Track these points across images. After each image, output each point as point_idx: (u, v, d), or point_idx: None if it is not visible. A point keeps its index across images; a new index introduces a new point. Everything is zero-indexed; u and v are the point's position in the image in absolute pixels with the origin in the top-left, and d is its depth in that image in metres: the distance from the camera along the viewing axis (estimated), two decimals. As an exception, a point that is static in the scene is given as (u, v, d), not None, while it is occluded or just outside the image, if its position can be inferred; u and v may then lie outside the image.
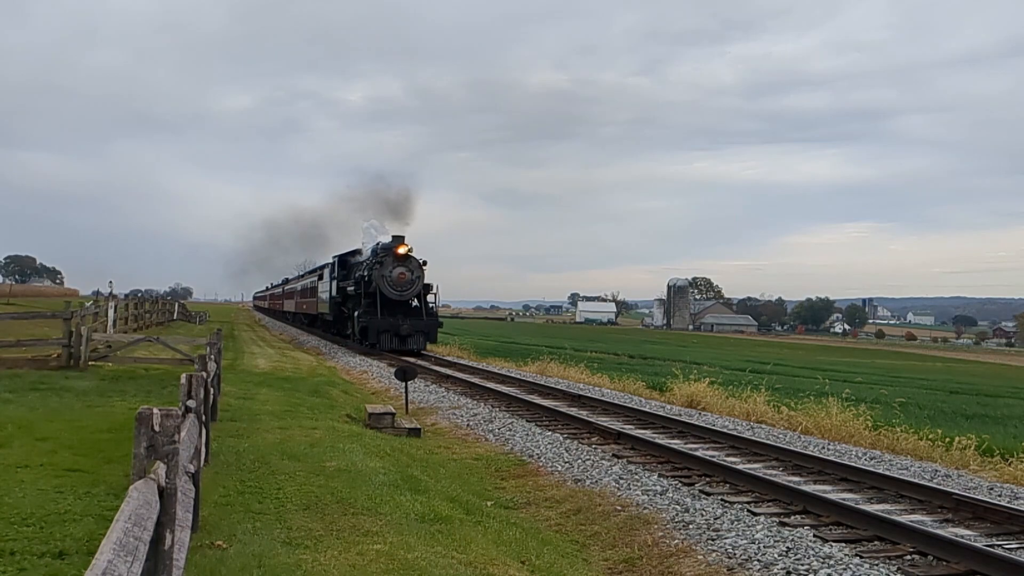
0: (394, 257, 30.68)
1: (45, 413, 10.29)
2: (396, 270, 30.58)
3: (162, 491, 3.07)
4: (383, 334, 29.55)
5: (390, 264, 30.54)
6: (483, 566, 5.60)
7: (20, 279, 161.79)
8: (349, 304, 33.99)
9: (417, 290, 31.07)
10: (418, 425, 12.76)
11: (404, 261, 30.82)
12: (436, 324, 30.95)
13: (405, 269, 30.78)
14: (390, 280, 30.40)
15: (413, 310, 31.20)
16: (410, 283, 30.83)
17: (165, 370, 16.04)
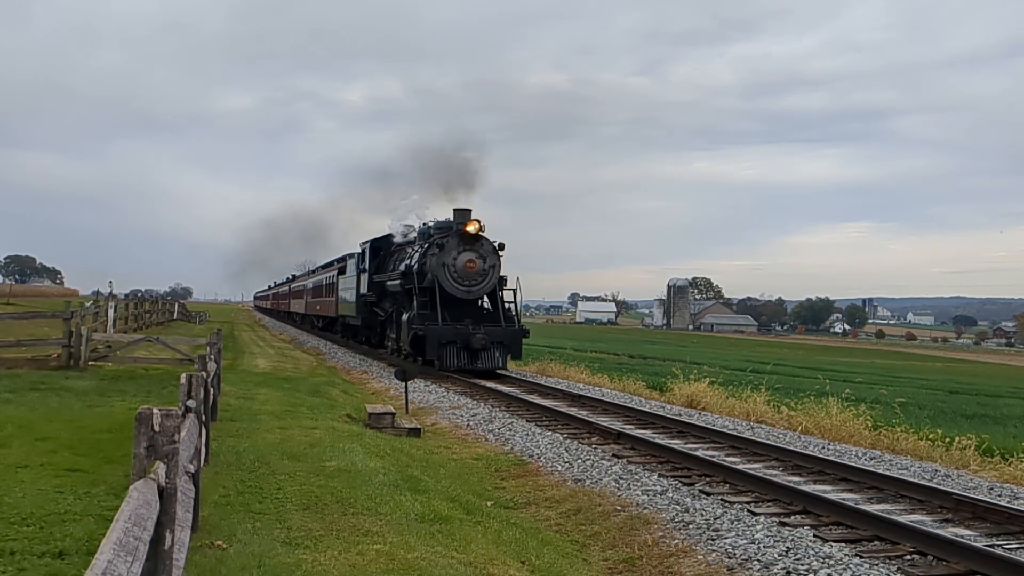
0: (460, 238, 22.04)
1: (45, 413, 10.29)
2: (462, 256, 21.99)
3: (162, 491, 3.07)
4: (446, 347, 20.99)
5: (454, 248, 21.94)
6: (483, 566, 5.60)
7: (20, 279, 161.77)
8: (387, 304, 26.15)
9: (491, 284, 22.41)
10: (418, 425, 12.76)
11: (473, 243, 22.12)
12: (520, 333, 22.36)
13: (475, 255, 22.05)
14: (454, 270, 21.91)
15: (484, 313, 22.94)
16: (481, 274, 22.16)
17: (165, 370, 16.04)
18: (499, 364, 21.39)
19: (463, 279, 21.98)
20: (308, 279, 50.11)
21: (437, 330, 20.98)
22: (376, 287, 27.27)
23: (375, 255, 28.26)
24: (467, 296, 22.10)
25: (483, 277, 22.18)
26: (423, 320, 21.32)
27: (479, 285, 22.21)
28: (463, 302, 22.12)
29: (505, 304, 22.85)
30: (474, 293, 22.27)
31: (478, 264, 22.03)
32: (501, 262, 22.44)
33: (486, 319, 22.31)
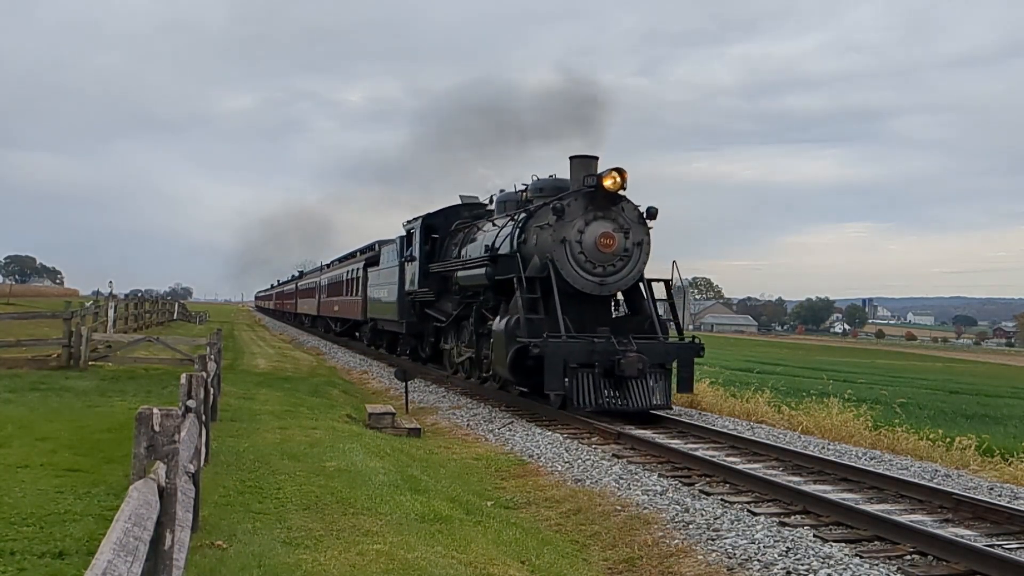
0: (588, 200, 14.23)
1: (45, 413, 10.29)
2: (593, 228, 14.21)
3: (162, 491, 3.07)
4: (579, 373, 12.97)
5: (578, 215, 14.15)
6: (483, 566, 5.60)
7: (20, 279, 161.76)
8: (449, 303, 18.68)
9: (636, 273, 14.63)
10: (418, 425, 12.77)
11: (608, 207, 14.33)
12: (693, 350, 14.24)
13: (612, 226, 14.32)
14: (579, 250, 14.11)
15: (620, 319, 15.17)
16: (623, 256, 14.38)
17: (165, 370, 16.04)
18: (661, 401, 13.31)
19: (594, 264, 13.98)
20: (321, 275, 43.23)
21: (561, 346, 12.80)
22: (434, 280, 19.64)
23: (427, 238, 20.58)
24: (599, 291, 14.14)
25: (624, 261, 14.19)
26: (533, 329, 13.30)
27: (618, 273, 14.22)
28: (589, 301, 14.21)
29: (654, 305, 14.77)
30: (610, 286, 14.28)
31: (617, 240, 14.06)
32: (650, 238, 14.46)
33: (621, 326, 14.31)
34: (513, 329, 13.69)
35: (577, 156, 15.01)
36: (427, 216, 20.88)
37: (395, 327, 23.21)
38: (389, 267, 23.88)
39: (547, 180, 16.47)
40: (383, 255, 25.64)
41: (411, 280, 21.08)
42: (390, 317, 23.54)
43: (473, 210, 20.46)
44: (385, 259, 25.10)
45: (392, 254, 23.58)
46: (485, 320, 16.12)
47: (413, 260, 20.96)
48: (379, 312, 25.34)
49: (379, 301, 25.29)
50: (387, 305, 23.83)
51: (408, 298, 21.34)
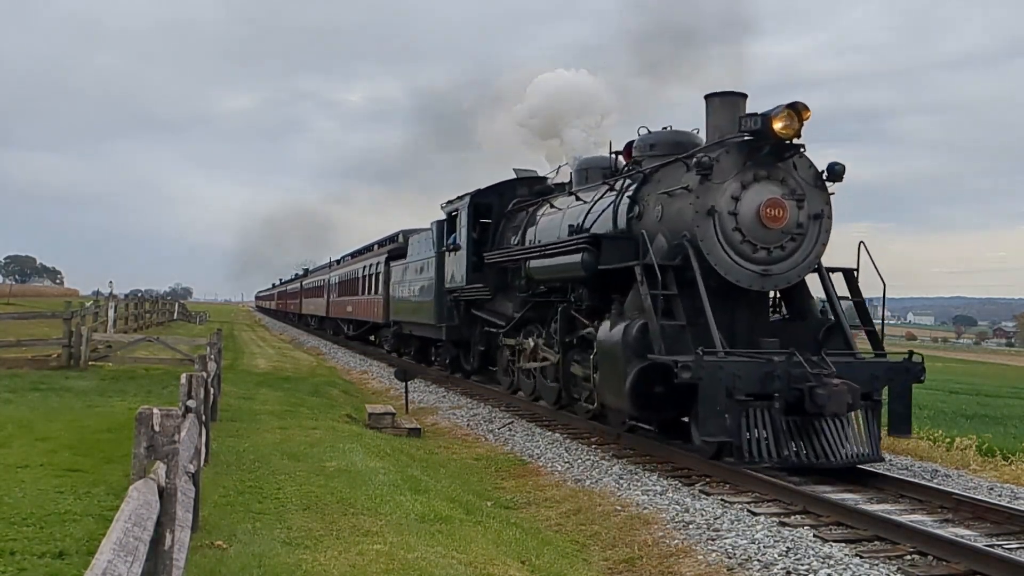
0: (743, 152, 9.81)
1: (45, 413, 10.29)
2: (755, 192, 9.83)
3: (162, 491, 3.07)
4: (751, 409, 8.57)
5: (732, 174, 9.77)
6: (483, 566, 5.60)
7: (20, 279, 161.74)
8: (512, 303, 15.10)
9: (814, 258, 10.22)
10: (418, 425, 12.77)
11: (775, 164, 9.87)
12: (912, 371, 9.61)
13: (782, 190, 9.91)
14: (738, 224, 9.78)
15: (781, 325, 10.62)
16: (796, 235, 9.99)
17: (165, 370, 16.04)
18: (869, 450, 9.11)
19: (755, 245, 9.82)
20: (330, 272, 39.71)
21: (724, 368, 8.62)
22: (489, 274, 15.75)
23: (475, 222, 16.73)
24: (759, 285, 9.98)
25: (796, 241, 9.99)
26: (673, 341, 9.23)
27: (789, 259, 9.99)
28: (740, 299, 10.10)
29: (834, 301, 10.44)
30: (776, 278, 10.03)
31: (789, 211, 9.84)
32: (831, 209, 10.20)
33: (789, 334, 9.94)
34: (636, 340, 9.39)
35: (718, 94, 10.37)
36: (476, 194, 16.63)
37: (429, 332, 19.57)
38: (421, 260, 20.17)
39: (661, 133, 11.83)
40: (412, 246, 21.66)
41: (454, 274, 17.24)
42: (422, 320, 19.71)
43: (533, 185, 16.63)
44: (416, 251, 21.13)
45: (425, 244, 19.85)
46: (574, 325, 12.15)
47: (458, 250, 17.03)
48: (406, 313, 21.64)
49: (407, 300, 21.56)
50: (418, 305, 20.07)
51: (450, 296, 17.57)
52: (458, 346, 18.68)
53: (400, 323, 22.85)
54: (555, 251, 12.07)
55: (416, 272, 20.80)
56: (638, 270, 9.72)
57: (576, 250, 11.16)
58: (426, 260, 19.73)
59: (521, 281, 14.25)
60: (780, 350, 9.27)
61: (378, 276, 26.41)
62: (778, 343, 9.62)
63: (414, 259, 21.24)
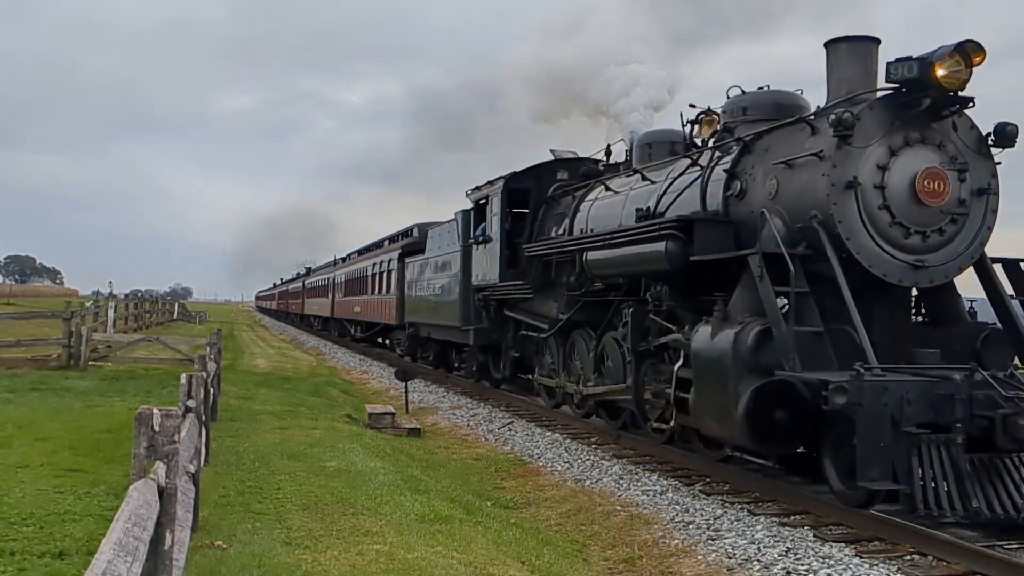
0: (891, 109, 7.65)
1: (45, 413, 10.29)
2: (909, 159, 7.58)
3: (162, 491, 3.07)
4: (923, 444, 6.31)
5: (875, 134, 7.55)
6: (483, 566, 5.60)
7: (20, 279, 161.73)
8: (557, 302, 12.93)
9: (979, 247, 7.95)
10: (418, 425, 12.77)
11: (929, 124, 7.66)
12: None
13: (940, 157, 7.65)
14: (885, 200, 7.52)
15: (935, 332, 8.16)
16: (958, 215, 7.73)
17: (165, 370, 16.04)
18: None
19: (907, 227, 7.72)
20: (335, 270, 38.12)
21: (889, 391, 6.42)
22: (529, 269, 13.64)
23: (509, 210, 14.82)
24: (913, 280, 7.88)
25: (958, 223, 7.90)
26: (812, 353, 7.19)
27: (948, 246, 7.91)
28: (882, 298, 8.03)
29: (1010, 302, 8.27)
30: (935, 270, 7.88)
31: (950, 185, 7.73)
32: (998, 184, 8.13)
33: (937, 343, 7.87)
34: (752, 351, 7.32)
35: (845, 38, 8.27)
36: (511, 178, 14.60)
37: (452, 335, 17.51)
38: (443, 255, 18.12)
39: (759, 94, 9.65)
40: (432, 240, 19.55)
41: (485, 270, 15.17)
42: (443, 321, 17.74)
43: (576, 167, 14.42)
44: (436, 245, 19.10)
45: (447, 237, 17.98)
46: (644, 330, 9.93)
47: (488, 242, 15.04)
48: (424, 314, 19.72)
49: (424, 300, 19.75)
50: (439, 305, 18.18)
51: (478, 295, 15.57)
52: (486, 351, 16.41)
53: (416, 325, 20.91)
54: (624, 239, 9.76)
55: (436, 269, 18.78)
56: (755, 260, 7.52)
57: (656, 238, 8.97)
58: (449, 255, 17.60)
59: (571, 278, 12.00)
60: (954, 366, 7.15)
61: (390, 274, 24.45)
62: (939, 356, 7.51)
63: (434, 254, 19.15)
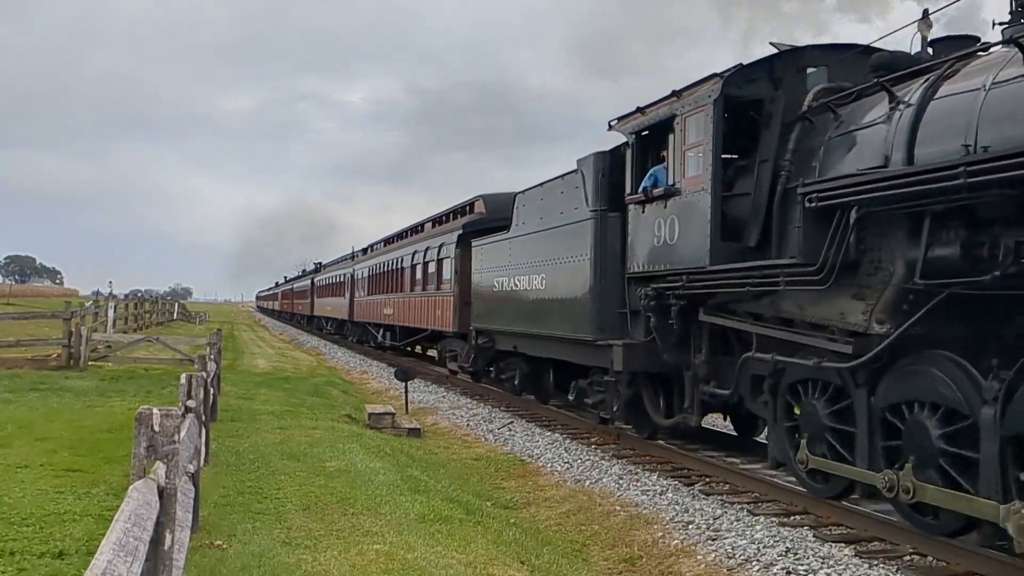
0: None
1: (45, 413, 10.30)
2: None
3: (162, 491, 3.07)
4: None
5: None
6: (483, 566, 5.60)
7: (20, 279, 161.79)
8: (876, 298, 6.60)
9: None
10: (418, 425, 12.77)
11: None
12: None
13: None
14: None
15: None
16: None
17: (165, 370, 16.05)
18: None
19: None
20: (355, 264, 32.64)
21: None
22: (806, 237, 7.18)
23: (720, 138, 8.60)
24: None
25: None
26: None
27: None
28: None
29: None
30: None
31: None
32: None
33: None
34: None
35: None
36: (731, 79, 8.66)
37: (574, 352, 11.59)
38: (550, 229, 12.32)
39: None
40: (526, 210, 13.51)
41: (662, 246, 9.43)
42: (554, 330, 11.97)
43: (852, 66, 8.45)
44: (534, 216, 13.12)
45: (558, 203, 12.01)
46: None
47: (672, 197, 9.21)
48: (510, 319, 13.91)
49: (510, 298, 13.89)
50: (543, 306, 12.44)
51: (645, 290, 9.61)
52: (655, 383, 10.21)
53: (491, 334, 15.21)
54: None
55: (537, 251, 12.83)
56: None
57: None
58: (564, 228, 11.71)
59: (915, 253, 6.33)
60: None
61: (442, 264, 19.11)
62: None
63: (530, 230, 13.18)
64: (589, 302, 10.95)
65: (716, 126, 8.57)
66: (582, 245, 11.20)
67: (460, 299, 17.49)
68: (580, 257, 11.27)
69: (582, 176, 11.33)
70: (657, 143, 10.05)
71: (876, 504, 7.72)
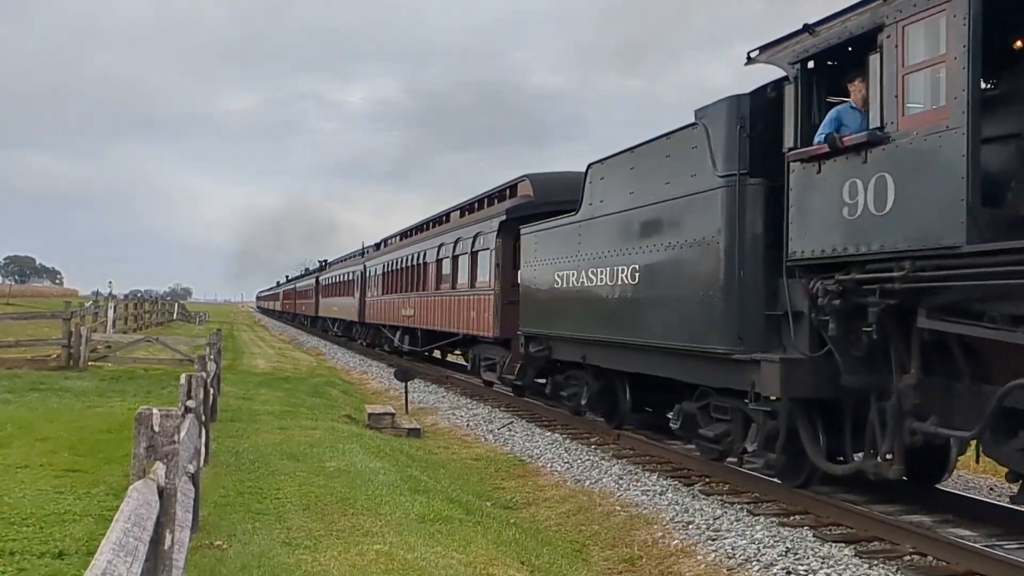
0: None
1: (45, 413, 10.30)
2: None
3: (162, 491, 3.07)
4: None
5: None
6: (483, 566, 5.60)
7: (20, 279, 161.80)
8: None
9: None
10: (418, 425, 12.77)
11: None
12: None
13: None
14: None
15: None
16: None
17: (165, 370, 16.05)
18: None
19: None
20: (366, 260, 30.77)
21: None
22: None
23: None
24: None
25: None
26: None
27: None
28: None
29: None
30: None
31: None
32: None
33: None
34: None
35: None
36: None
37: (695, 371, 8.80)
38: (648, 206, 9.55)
39: None
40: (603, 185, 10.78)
41: (850, 218, 6.69)
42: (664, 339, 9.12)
43: None
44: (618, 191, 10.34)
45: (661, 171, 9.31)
46: None
47: (879, 146, 6.46)
48: (578, 323, 11.33)
49: (580, 297, 11.23)
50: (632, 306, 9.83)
51: (821, 284, 6.94)
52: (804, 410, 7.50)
53: (548, 340, 12.45)
54: None
55: (620, 237, 10.14)
56: None
57: None
58: (675, 204, 8.95)
59: None
60: None
61: (480, 257, 16.55)
62: None
63: (615, 208, 10.33)
64: (720, 301, 8.07)
65: (973, 28, 5.71)
66: (706, 224, 8.31)
67: (502, 298, 15.05)
68: (702, 240, 8.38)
69: (705, 132, 8.35)
70: (838, 73, 7.27)
71: (875, 506, 7.73)
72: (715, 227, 8.15)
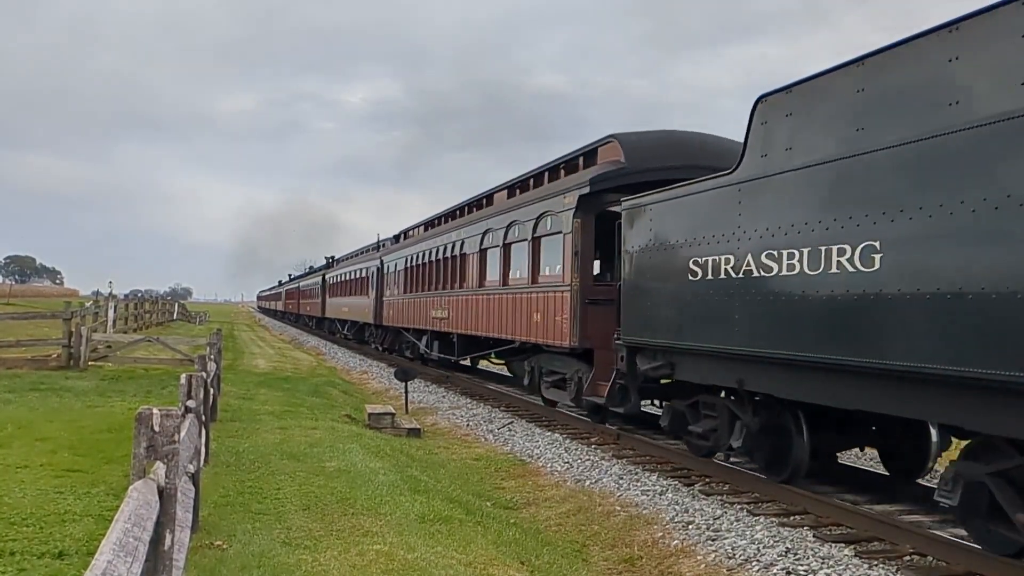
0: None
1: (45, 413, 10.30)
2: None
3: (162, 491, 3.07)
4: None
5: None
6: (483, 566, 5.60)
7: (20, 279, 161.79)
8: None
9: None
10: (418, 425, 12.77)
11: None
12: None
13: None
14: None
15: None
16: None
17: (165, 370, 16.06)
18: None
19: None
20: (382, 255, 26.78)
21: None
22: None
23: None
24: None
25: None
26: None
27: None
28: None
29: None
30: None
31: None
32: None
33: None
34: None
35: None
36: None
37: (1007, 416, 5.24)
38: (895, 147, 5.91)
39: None
40: (785, 127, 7.21)
41: None
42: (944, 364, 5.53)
43: None
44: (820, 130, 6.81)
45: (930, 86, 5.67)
46: None
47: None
48: (734, 334, 7.85)
49: (739, 294, 7.76)
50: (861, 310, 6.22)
51: None
52: None
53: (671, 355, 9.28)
54: None
55: (835, 202, 6.59)
56: None
57: None
58: (973, 136, 5.35)
59: None
60: None
61: (547, 244, 13.25)
62: None
63: (820, 157, 6.80)
64: None
65: None
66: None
67: (581, 296, 11.89)
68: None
69: None
70: None
71: (875, 506, 7.73)
72: None
